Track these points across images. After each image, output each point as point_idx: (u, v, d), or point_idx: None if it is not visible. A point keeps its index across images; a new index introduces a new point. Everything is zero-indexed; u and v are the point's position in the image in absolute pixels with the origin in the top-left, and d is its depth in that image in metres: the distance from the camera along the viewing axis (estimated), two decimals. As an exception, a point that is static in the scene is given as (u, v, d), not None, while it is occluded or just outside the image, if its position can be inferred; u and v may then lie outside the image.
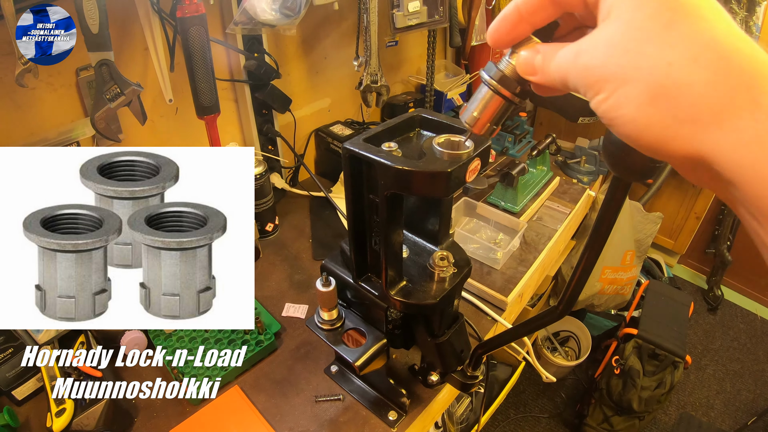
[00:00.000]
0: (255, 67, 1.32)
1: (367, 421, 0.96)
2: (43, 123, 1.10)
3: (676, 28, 0.26)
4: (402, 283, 0.77)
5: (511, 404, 2.36)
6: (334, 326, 0.87)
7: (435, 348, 0.84)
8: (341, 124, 1.67)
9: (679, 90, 0.26)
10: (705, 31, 0.26)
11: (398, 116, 0.73)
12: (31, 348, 0.88)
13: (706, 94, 0.25)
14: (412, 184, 0.61)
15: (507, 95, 0.40)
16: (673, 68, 0.25)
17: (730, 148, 0.25)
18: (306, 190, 1.63)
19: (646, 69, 0.26)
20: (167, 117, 1.31)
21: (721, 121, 0.25)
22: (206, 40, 0.91)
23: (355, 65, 1.39)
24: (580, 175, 1.75)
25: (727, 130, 0.25)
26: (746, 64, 0.25)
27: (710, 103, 0.25)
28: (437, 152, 0.61)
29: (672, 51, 0.26)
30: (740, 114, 0.25)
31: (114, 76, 0.98)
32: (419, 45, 1.99)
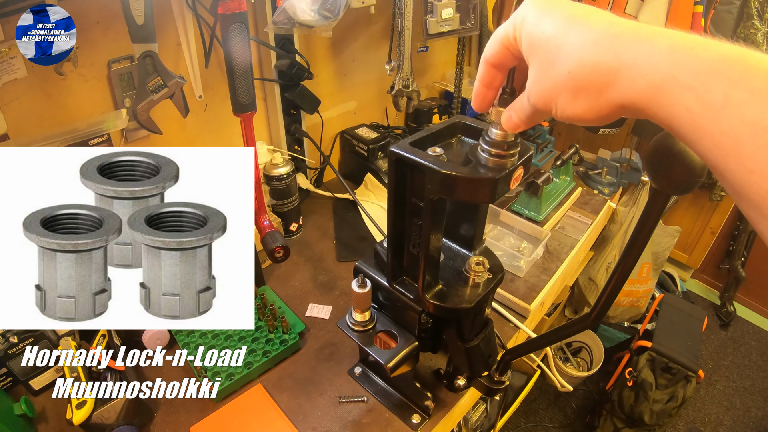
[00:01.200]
0: (287, 67, 1.33)
1: (391, 424, 0.96)
2: (73, 114, 1.10)
3: (559, 58, 0.39)
4: (437, 287, 0.78)
5: (522, 413, 2.35)
6: (366, 328, 0.87)
7: (464, 352, 0.85)
8: (366, 127, 1.67)
9: (580, 82, 0.38)
10: (582, 34, 0.38)
11: (440, 122, 0.74)
12: (52, 347, 0.88)
13: (596, 71, 0.37)
14: (459, 190, 0.61)
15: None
16: (571, 74, 0.39)
17: (624, 95, 0.36)
18: (330, 191, 1.64)
19: (560, 82, 0.40)
20: (196, 113, 1.32)
21: (612, 83, 0.36)
22: (247, 38, 0.92)
23: (387, 69, 1.40)
24: (601, 187, 1.75)
25: (619, 85, 0.36)
26: (610, 34, 0.37)
27: (604, 71, 0.37)
28: (482, 159, 0.62)
29: (561, 68, 0.39)
30: (619, 72, 0.36)
31: (158, 68, 0.99)
32: (446, 51, 2.00)
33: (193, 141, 1.35)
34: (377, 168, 1.57)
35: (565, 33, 0.39)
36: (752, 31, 1.84)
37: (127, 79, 1.13)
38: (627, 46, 0.36)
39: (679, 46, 0.33)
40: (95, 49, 1.07)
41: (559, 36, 0.40)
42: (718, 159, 0.31)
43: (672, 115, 0.33)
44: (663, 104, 0.34)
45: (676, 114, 0.33)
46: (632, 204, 2.00)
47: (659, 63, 0.34)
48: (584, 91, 0.39)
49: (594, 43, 0.37)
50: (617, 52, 0.36)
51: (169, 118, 1.20)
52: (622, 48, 0.36)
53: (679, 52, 0.33)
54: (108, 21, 1.06)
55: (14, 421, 0.90)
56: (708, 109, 0.31)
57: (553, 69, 0.40)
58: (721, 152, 0.31)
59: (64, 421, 0.94)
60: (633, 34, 0.36)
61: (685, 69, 0.32)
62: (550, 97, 0.42)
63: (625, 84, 0.36)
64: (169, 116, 1.18)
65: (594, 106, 0.39)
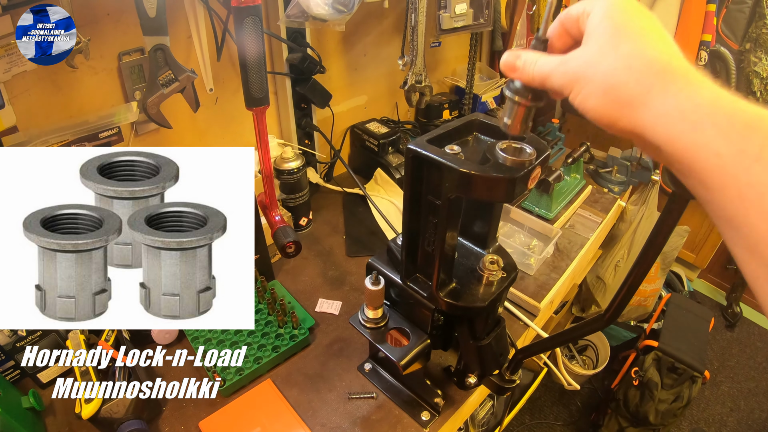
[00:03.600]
0: (299, 61, 1.33)
1: (400, 420, 0.96)
2: (82, 106, 1.10)
3: (621, 48, 0.40)
4: (451, 285, 0.77)
5: (527, 410, 2.35)
6: (379, 325, 0.87)
7: (476, 350, 0.84)
8: (377, 122, 1.67)
9: (618, 86, 0.39)
10: (639, 48, 0.39)
11: (456, 119, 0.73)
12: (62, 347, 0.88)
13: (634, 87, 0.38)
14: (477, 189, 0.61)
15: (524, 102, 0.52)
16: (615, 72, 0.39)
17: (652, 121, 0.37)
18: (340, 185, 1.63)
19: (600, 74, 0.40)
20: (206, 107, 1.31)
21: (645, 104, 0.37)
22: (261, 31, 0.91)
23: (400, 64, 1.39)
24: (611, 185, 1.74)
25: (649, 109, 0.37)
26: (663, 66, 0.38)
27: (637, 92, 0.38)
28: (500, 158, 0.61)
29: (615, 62, 0.40)
30: (655, 98, 0.37)
31: (169, 62, 0.98)
32: (457, 47, 1.98)
33: (204, 135, 1.35)
34: (387, 163, 1.57)
35: (633, 38, 0.40)
36: (764, 30, 1.82)
37: (137, 72, 1.12)
38: (676, 79, 0.37)
39: (723, 96, 0.35)
40: (106, 42, 1.06)
41: (626, 38, 0.40)
42: (738, 209, 0.32)
43: (698, 157, 0.34)
44: (692, 144, 0.35)
45: (703, 157, 0.34)
46: (642, 203, 1.99)
47: (701, 105, 0.35)
48: (616, 95, 0.40)
49: (651, 61, 0.38)
50: (666, 80, 0.37)
51: (179, 112, 1.20)
52: (671, 78, 0.37)
53: (722, 100, 0.34)
54: (118, 13, 1.06)
55: (22, 415, 0.89)
56: (741, 158, 0.32)
57: (603, 59, 0.41)
58: (743, 203, 0.32)
59: (72, 415, 0.94)
60: (685, 73, 0.37)
61: (724, 116, 0.33)
62: (581, 79, 0.42)
63: (659, 110, 0.37)
64: (180, 110, 1.17)
65: (614, 113, 0.40)
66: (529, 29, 1.76)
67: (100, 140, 1.11)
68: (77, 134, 1.06)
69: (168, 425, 0.95)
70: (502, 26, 1.65)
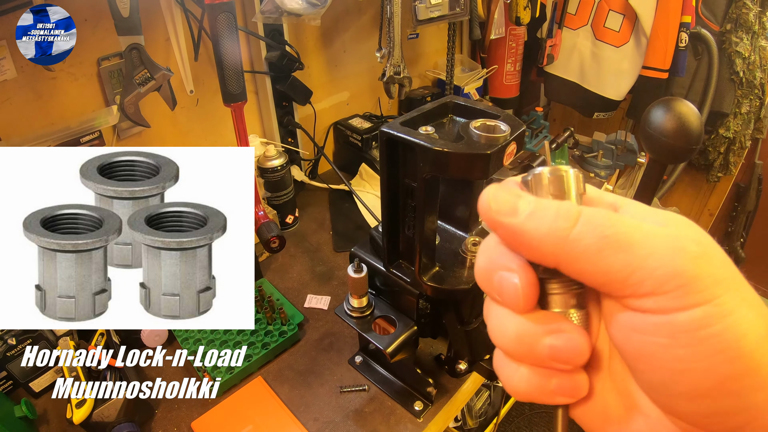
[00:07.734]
0: (277, 58, 1.32)
1: (393, 412, 0.96)
2: (64, 112, 1.10)
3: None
4: (434, 269, 0.77)
5: (526, 400, 2.34)
6: (364, 314, 0.86)
7: (464, 335, 0.84)
8: (360, 118, 1.67)
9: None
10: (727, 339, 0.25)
11: (431, 102, 0.73)
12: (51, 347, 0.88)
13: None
14: (452, 167, 0.61)
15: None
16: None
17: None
18: (325, 182, 1.63)
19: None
20: (188, 108, 1.31)
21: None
22: (234, 26, 0.91)
23: (377, 56, 1.39)
24: (597, 169, 1.75)
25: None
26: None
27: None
28: (474, 135, 0.61)
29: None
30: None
31: (144, 61, 0.98)
32: (436, 40, 1.98)
33: (185, 136, 1.35)
34: (372, 158, 1.57)
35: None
36: (744, 11, 1.83)
37: (117, 76, 1.12)
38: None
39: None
40: (84, 47, 1.06)
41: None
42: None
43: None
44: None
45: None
46: (629, 186, 1.99)
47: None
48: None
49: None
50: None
51: (159, 113, 1.19)
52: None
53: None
54: (96, 18, 1.06)
55: (15, 424, 0.89)
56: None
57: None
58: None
59: (65, 422, 0.93)
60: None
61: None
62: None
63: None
64: (160, 112, 1.17)
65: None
66: (507, 18, 1.76)
67: (82, 145, 1.11)
68: (59, 140, 1.06)
69: (160, 427, 0.95)
70: (480, 15, 1.65)
